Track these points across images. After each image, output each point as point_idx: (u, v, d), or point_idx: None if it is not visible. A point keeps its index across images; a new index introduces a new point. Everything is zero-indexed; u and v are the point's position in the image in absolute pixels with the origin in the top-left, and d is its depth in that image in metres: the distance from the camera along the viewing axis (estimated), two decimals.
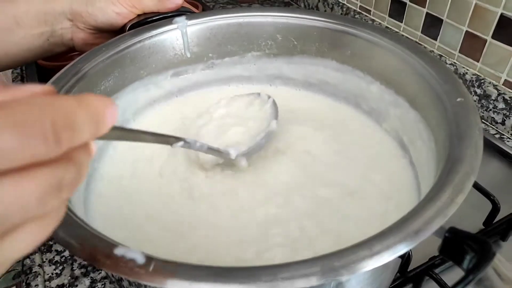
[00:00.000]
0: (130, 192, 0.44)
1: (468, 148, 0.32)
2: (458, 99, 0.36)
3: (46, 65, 0.77)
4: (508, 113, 0.63)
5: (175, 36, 0.51)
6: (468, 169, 0.30)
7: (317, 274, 0.24)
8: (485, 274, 0.24)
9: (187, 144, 0.36)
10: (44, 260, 0.52)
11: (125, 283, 0.36)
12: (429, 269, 0.45)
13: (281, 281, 0.24)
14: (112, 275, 0.37)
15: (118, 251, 0.25)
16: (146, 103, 0.52)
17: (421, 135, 0.41)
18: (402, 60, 0.43)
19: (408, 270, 0.45)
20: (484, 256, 0.26)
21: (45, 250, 0.53)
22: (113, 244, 0.26)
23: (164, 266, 0.25)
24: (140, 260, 0.25)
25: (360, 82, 0.50)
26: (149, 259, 0.25)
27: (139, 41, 0.49)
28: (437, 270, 0.45)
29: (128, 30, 0.51)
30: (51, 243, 0.53)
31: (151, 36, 0.49)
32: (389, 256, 0.25)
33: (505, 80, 0.64)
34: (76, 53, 0.55)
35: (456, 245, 0.28)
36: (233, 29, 0.52)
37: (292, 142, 0.47)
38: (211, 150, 0.41)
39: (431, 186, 0.33)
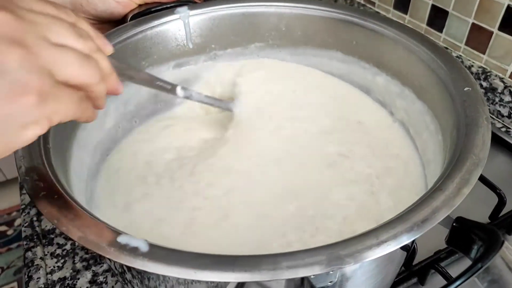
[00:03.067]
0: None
1: (475, 138, 0.31)
2: (466, 89, 0.36)
3: None
4: None
5: (177, 26, 0.50)
6: (476, 160, 0.29)
7: (323, 262, 0.24)
8: (493, 263, 0.24)
9: (187, 92, 0.43)
10: (46, 253, 0.51)
11: (128, 276, 0.35)
12: (434, 262, 0.44)
13: (285, 270, 0.23)
14: (115, 268, 0.37)
15: (121, 239, 0.25)
16: (149, 95, 0.51)
17: (428, 126, 0.41)
18: (409, 50, 0.43)
19: (414, 263, 0.44)
20: (492, 244, 0.25)
21: (46, 243, 0.52)
22: (116, 232, 0.26)
23: (168, 254, 0.24)
24: (144, 248, 0.25)
25: (366, 74, 0.49)
26: (153, 247, 0.25)
27: (141, 32, 0.48)
28: (442, 264, 0.45)
29: (130, 20, 0.50)
30: (52, 236, 0.53)
31: (153, 27, 0.49)
32: (395, 245, 0.25)
33: (511, 73, 0.64)
34: None
35: (463, 235, 0.28)
36: (236, 20, 0.52)
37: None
38: (209, 98, 0.47)
39: (437, 176, 0.33)
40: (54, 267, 0.50)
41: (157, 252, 0.25)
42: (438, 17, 0.71)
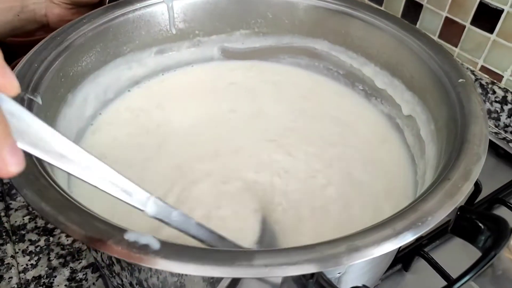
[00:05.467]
0: None
1: (475, 128, 0.32)
2: (460, 80, 0.36)
3: (13, 41, 0.70)
4: (484, 98, 0.65)
5: (160, 10, 0.48)
6: (478, 150, 0.30)
7: (343, 255, 0.23)
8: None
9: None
10: (17, 250, 0.48)
11: (116, 268, 0.33)
12: (418, 248, 0.46)
13: (306, 264, 0.23)
14: (102, 260, 0.35)
15: (129, 236, 0.23)
16: (130, 82, 0.49)
17: (418, 116, 0.41)
18: (399, 41, 0.43)
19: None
20: (500, 234, 0.26)
21: (17, 240, 0.49)
22: (121, 229, 0.24)
23: (182, 251, 0.23)
24: (155, 245, 0.23)
25: (353, 63, 0.49)
26: (164, 243, 0.23)
27: (122, 14, 0.45)
28: (426, 249, 0.46)
29: (108, 3, 0.47)
30: (23, 232, 0.50)
31: (135, 9, 0.46)
32: (411, 236, 0.25)
33: (482, 66, 0.66)
34: None
35: (468, 224, 0.28)
36: (222, 5, 0.50)
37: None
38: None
39: (435, 167, 0.33)
40: (27, 265, 0.47)
41: (170, 249, 0.23)
42: (412, 10, 0.73)
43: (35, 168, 0.27)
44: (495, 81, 0.65)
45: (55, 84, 0.37)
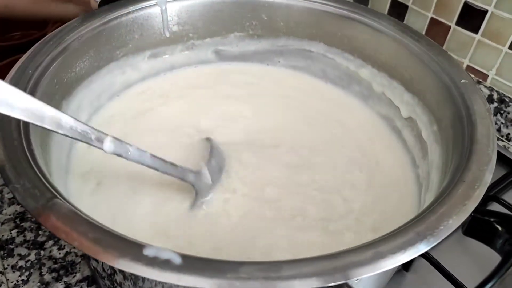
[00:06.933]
0: None
1: (483, 129, 0.32)
2: (462, 81, 0.37)
3: None
4: None
5: (154, 13, 0.47)
6: (489, 150, 0.30)
7: (368, 262, 0.23)
8: None
9: (120, 147, 0.29)
10: (6, 266, 0.45)
11: (118, 278, 0.32)
12: None
13: (339, 272, 0.22)
14: (103, 270, 0.34)
15: (148, 252, 0.22)
16: (123, 86, 0.47)
17: (419, 118, 0.42)
18: (397, 43, 0.43)
19: None
20: None
21: (5, 255, 0.46)
22: (139, 244, 0.23)
23: (205, 265, 0.22)
24: (177, 260, 0.22)
25: (350, 66, 0.49)
26: (186, 258, 0.22)
27: (115, 18, 0.44)
28: None
29: (100, 5, 0.46)
30: (11, 246, 0.47)
31: (128, 12, 0.45)
32: (434, 241, 0.25)
33: (467, 65, 0.68)
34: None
35: (483, 225, 0.29)
36: (216, 7, 0.49)
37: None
38: (158, 161, 0.32)
39: (441, 167, 0.34)
40: (18, 281, 0.44)
41: (193, 264, 0.22)
42: (398, 11, 0.74)
43: (40, 182, 0.26)
44: (480, 80, 0.66)
45: (50, 91, 0.36)
